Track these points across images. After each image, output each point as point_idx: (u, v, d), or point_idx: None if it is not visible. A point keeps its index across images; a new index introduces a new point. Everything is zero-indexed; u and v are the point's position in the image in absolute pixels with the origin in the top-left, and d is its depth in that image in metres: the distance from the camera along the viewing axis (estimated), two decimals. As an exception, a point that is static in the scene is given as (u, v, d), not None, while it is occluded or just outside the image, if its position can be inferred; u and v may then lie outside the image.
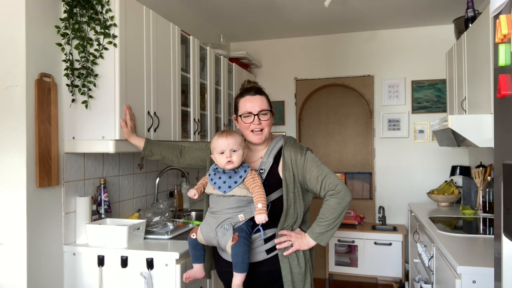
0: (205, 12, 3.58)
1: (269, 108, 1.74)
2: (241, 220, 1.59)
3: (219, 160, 1.62)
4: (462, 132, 2.25)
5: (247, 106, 1.70)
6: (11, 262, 1.85)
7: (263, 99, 1.73)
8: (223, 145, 1.60)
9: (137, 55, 2.13)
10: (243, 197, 1.59)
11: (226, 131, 1.64)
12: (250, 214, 1.60)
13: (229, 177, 1.60)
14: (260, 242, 1.66)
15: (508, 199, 1.11)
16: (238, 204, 1.59)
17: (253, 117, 1.68)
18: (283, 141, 1.75)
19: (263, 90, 1.77)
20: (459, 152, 3.95)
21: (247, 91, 1.73)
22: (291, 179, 1.67)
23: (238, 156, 1.61)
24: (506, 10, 1.12)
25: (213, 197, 1.64)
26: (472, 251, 1.96)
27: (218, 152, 1.62)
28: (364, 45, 4.22)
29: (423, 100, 4.06)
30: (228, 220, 1.59)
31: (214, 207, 1.63)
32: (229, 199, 1.59)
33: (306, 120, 4.56)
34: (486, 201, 2.93)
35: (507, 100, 1.15)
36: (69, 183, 2.09)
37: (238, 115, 1.74)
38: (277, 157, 1.72)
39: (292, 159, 1.68)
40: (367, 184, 4.33)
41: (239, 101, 1.75)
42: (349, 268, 3.95)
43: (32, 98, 1.87)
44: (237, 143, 1.61)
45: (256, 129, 1.69)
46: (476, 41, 2.43)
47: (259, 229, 1.65)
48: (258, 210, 1.55)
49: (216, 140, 1.63)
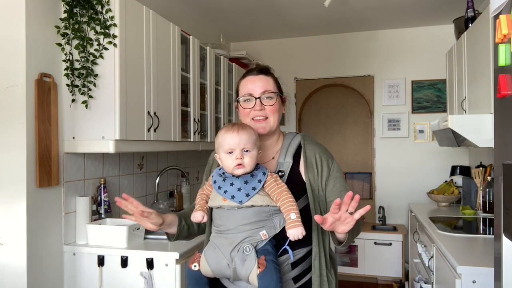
0: (205, 12, 3.58)
1: (277, 90, 1.39)
2: (264, 238, 1.21)
3: (226, 162, 1.24)
4: (462, 132, 2.25)
5: (247, 88, 1.36)
6: (11, 262, 1.85)
7: (268, 80, 1.37)
8: (233, 142, 1.22)
9: (137, 55, 2.13)
10: (265, 207, 1.22)
11: (237, 124, 1.27)
12: (274, 230, 1.22)
13: (244, 182, 1.21)
14: (287, 267, 1.27)
15: (508, 199, 1.11)
16: (258, 218, 1.21)
17: (254, 101, 1.34)
18: (300, 138, 1.42)
19: (270, 70, 1.42)
20: (459, 152, 3.95)
21: (249, 72, 1.41)
22: (316, 183, 1.33)
23: (252, 158, 1.23)
24: (506, 10, 1.12)
25: (222, 211, 1.24)
26: (472, 251, 1.96)
27: (226, 151, 1.24)
28: (364, 45, 4.22)
29: (423, 100, 4.06)
30: (247, 240, 1.20)
31: (225, 224, 1.23)
32: (246, 212, 1.20)
33: (306, 120, 4.56)
34: (486, 201, 2.93)
35: (507, 100, 1.15)
36: (69, 183, 2.09)
37: (237, 99, 1.41)
38: (295, 157, 1.38)
39: (317, 160, 1.36)
40: (367, 184, 4.33)
41: (240, 83, 1.42)
42: (349, 268, 3.95)
43: (32, 98, 1.87)
44: (252, 140, 1.24)
45: (257, 116, 1.34)
46: (476, 41, 2.43)
47: (286, 249, 1.26)
48: (291, 222, 1.16)
49: (224, 135, 1.25)
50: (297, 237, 1.14)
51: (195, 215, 1.25)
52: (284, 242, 1.26)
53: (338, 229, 1.13)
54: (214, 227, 1.28)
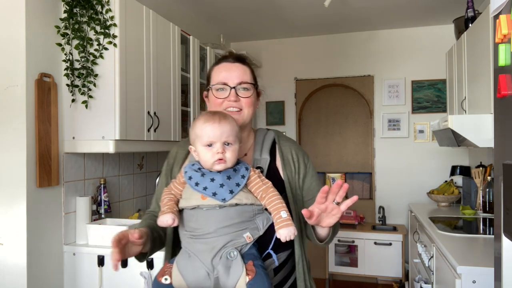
0: (205, 12, 3.58)
1: (253, 82, 1.27)
2: (249, 241, 1.07)
3: (205, 156, 1.09)
4: (462, 132, 2.25)
5: (221, 76, 1.23)
6: (11, 262, 1.85)
7: (246, 70, 1.26)
8: (213, 134, 1.07)
9: (137, 55, 2.13)
10: (249, 207, 1.08)
11: (218, 113, 1.13)
12: (257, 232, 1.09)
13: (227, 177, 1.07)
14: (270, 273, 1.13)
15: (508, 199, 1.11)
16: (242, 218, 1.07)
17: (229, 91, 1.21)
18: (274, 134, 1.33)
19: (246, 60, 1.30)
20: (459, 152, 3.95)
21: (224, 58, 1.28)
22: (293, 180, 1.26)
23: (234, 152, 1.10)
24: (506, 10, 1.12)
25: (198, 213, 1.07)
26: (472, 251, 1.96)
27: (204, 143, 1.09)
28: (364, 45, 4.22)
29: (423, 100, 4.06)
30: (230, 244, 1.04)
31: (203, 227, 1.06)
32: (228, 211, 1.06)
33: (306, 120, 4.56)
34: (486, 201, 2.93)
35: (507, 100, 1.15)
36: (69, 183, 2.09)
37: (208, 87, 1.27)
38: (271, 153, 1.28)
39: (294, 157, 1.28)
40: (367, 184, 4.33)
41: (213, 69, 1.28)
42: (349, 268, 3.95)
43: (32, 98, 1.87)
44: (234, 132, 1.11)
45: (231, 108, 1.21)
46: (476, 41, 2.42)
47: (269, 253, 1.14)
48: (282, 221, 1.04)
49: (203, 125, 1.09)
50: (289, 238, 1.03)
51: (163, 219, 1.06)
52: (266, 246, 1.12)
53: (324, 222, 1.07)
54: (186, 232, 1.09)
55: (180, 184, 1.14)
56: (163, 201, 1.12)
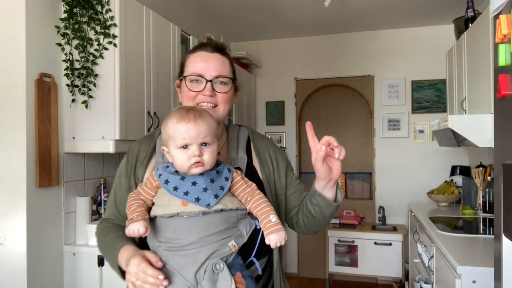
0: (205, 12, 3.58)
1: (232, 76, 1.15)
2: (234, 250, 0.96)
3: (179, 159, 0.96)
4: (462, 132, 2.25)
5: (197, 66, 1.10)
6: (11, 262, 1.85)
7: (225, 62, 1.14)
8: (189, 135, 0.95)
9: (137, 55, 2.13)
10: (233, 212, 0.98)
11: (192, 110, 0.99)
12: (241, 239, 0.98)
13: (210, 180, 0.96)
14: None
15: (508, 199, 1.11)
16: (226, 225, 0.96)
17: (205, 84, 1.09)
18: (248, 131, 1.24)
19: (226, 50, 1.17)
20: (459, 152, 3.95)
21: (202, 46, 1.15)
22: (272, 180, 1.17)
23: (212, 154, 0.98)
24: (506, 10, 1.12)
25: (177, 221, 0.95)
26: (472, 251, 1.96)
27: (179, 145, 0.96)
28: (364, 45, 4.22)
29: (423, 100, 4.06)
30: (215, 254, 0.93)
31: (182, 238, 0.94)
32: (212, 218, 0.95)
33: (306, 120, 4.52)
34: (486, 201, 2.93)
35: (507, 100, 1.15)
36: (69, 183, 2.09)
37: (182, 77, 1.14)
38: (247, 151, 1.19)
39: (271, 155, 1.19)
40: (367, 184, 4.33)
41: (188, 58, 1.14)
42: (349, 268, 3.94)
43: (32, 98, 1.87)
44: (212, 130, 0.98)
45: (205, 103, 1.09)
46: (476, 41, 2.42)
47: (252, 261, 1.03)
48: (272, 225, 0.96)
49: (176, 125, 0.96)
50: (279, 243, 0.95)
51: (133, 228, 0.92)
52: (248, 253, 1.02)
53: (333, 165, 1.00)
54: (160, 243, 0.96)
55: (151, 188, 1.00)
56: (130, 208, 0.98)
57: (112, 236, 1.07)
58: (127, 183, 1.12)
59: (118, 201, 1.14)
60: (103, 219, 1.17)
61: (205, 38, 1.18)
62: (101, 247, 1.10)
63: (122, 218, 1.11)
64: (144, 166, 1.12)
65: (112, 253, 1.02)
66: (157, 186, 0.99)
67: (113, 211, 1.15)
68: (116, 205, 1.15)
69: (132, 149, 1.17)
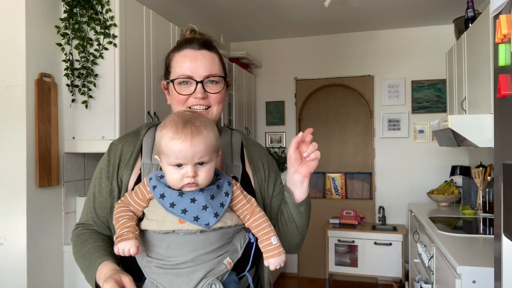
0: (205, 12, 3.58)
1: (223, 73, 1.07)
2: (229, 267, 0.91)
3: (171, 177, 0.88)
4: (462, 132, 2.25)
5: (185, 67, 1.01)
6: (11, 262, 1.85)
7: (214, 58, 1.05)
8: (183, 156, 0.86)
9: (137, 55, 2.13)
10: (231, 228, 0.92)
11: (189, 123, 0.88)
12: (236, 255, 0.94)
13: (210, 197, 0.89)
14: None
15: (508, 199, 1.11)
16: (222, 242, 0.91)
17: (195, 85, 1.00)
18: (240, 136, 1.16)
19: (214, 45, 1.08)
20: (459, 152, 3.95)
21: (188, 43, 1.04)
22: (264, 189, 1.10)
23: (209, 172, 0.90)
24: (506, 10, 1.12)
25: (172, 238, 0.88)
26: (472, 251, 1.96)
27: (172, 162, 0.87)
28: (364, 45, 4.22)
29: (423, 100, 4.06)
30: (211, 273, 0.88)
31: (177, 256, 0.88)
32: (209, 236, 0.89)
33: (306, 120, 4.56)
34: (486, 201, 2.93)
35: (507, 100, 1.15)
36: (69, 183, 2.09)
37: (169, 80, 1.05)
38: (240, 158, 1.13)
39: (264, 163, 1.13)
40: (367, 184, 4.33)
41: (174, 57, 1.05)
42: (349, 268, 3.94)
43: (32, 98, 1.87)
44: (211, 148, 0.89)
45: (198, 106, 1.02)
46: (476, 41, 2.42)
47: (246, 275, 0.99)
48: (273, 248, 0.92)
49: (170, 143, 0.86)
50: (278, 266, 0.92)
51: (122, 247, 0.84)
52: (242, 267, 0.97)
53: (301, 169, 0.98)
54: (151, 258, 0.89)
55: (143, 200, 0.92)
56: (119, 221, 0.89)
57: (90, 248, 0.98)
58: (109, 185, 1.02)
59: (98, 205, 1.04)
60: (79, 224, 1.07)
61: (188, 30, 1.08)
62: (77, 258, 1.01)
63: (102, 224, 1.05)
64: (129, 168, 1.02)
65: (89, 267, 0.94)
66: (150, 198, 0.91)
67: (92, 216, 1.05)
68: (95, 209, 1.05)
69: (114, 147, 1.06)
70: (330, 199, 4.35)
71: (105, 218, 1.04)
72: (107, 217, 1.03)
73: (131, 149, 1.04)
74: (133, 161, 1.02)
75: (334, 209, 4.28)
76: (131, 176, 1.02)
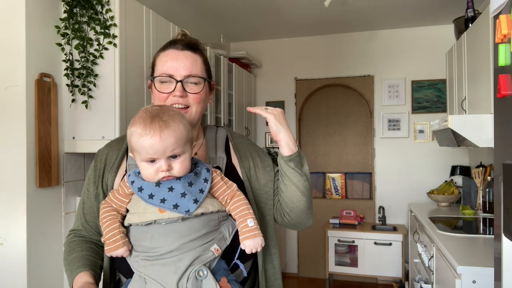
0: (205, 12, 3.58)
1: (205, 75, 1.09)
2: (217, 254, 0.92)
3: (146, 172, 0.90)
4: (462, 132, 2.25)
5: (166, 66, 1.04)
6: (11, 262, 1.85)
7: (196, 59, 1.07)
8: (154, 151, 0.87)
9: (137, 55, 2.13)
10: (214, 214, 0.93)
11: (157, 118, 0.88)
12: (224, 242, 0.94)
13: (188, 184, 0.90)
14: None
15: (508, 199, 1.11)
16: (207, 229, 0.91)
17: (175, 84, 1.03)
18: (226, 130, 1.20)
19: (199, 47, 1.10)
20: (459, 152, 3.95)
21: (172, 44, 1.08)
22: (253, 178, 1.12)
23: (184, 162, 0.90)
24: (506, 10, 1.12)
25: (154, 228, 0.90)
26: (472, 251, 1.96)
27: (144, 158, 0.89)
28: (364, 45, 4.22)
29: (423, 100, 4.06)
30: (197, 260, 0.88)
31: (161, 246, 0.89)
32: (192, 223, 0.90)
33: (306, 120, 4.56)
34: (486, 201, 2.93)
35: (507, 100, 1.15)
36: (69, 183, 2.09)
37: (152, 78, 1.09)
38: (225, 151, 1.15)
39: (252, 152, 1.15)
40: (367, 184, 4.33)
41: (158, 57, 1.09)
42: (349, 268, 3.95)
43: (32, 98, 1.87)
44: (182, 140, 0.89)
45: (177, 104, 1.04)
46: (476, 41, 2.43)
47: (236, 264, 0.99)
48: (248, 230, 0.92)
49: (139, 139, 0.87)
50: (255, 250, 0.92)
51: (116, 254, 0.90)
52: (231, 255, 0.97)
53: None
54: (137, 252, 0.91)
55: (124, 195, 0.94)
56: (105, 223, 0.92)
57: (74, 257, 1.03)
58: (95, 190, 1.07)
59: (87, 210, 1.09)
60: (71, 231, 1.13)
61: (179, 34, 1.12)
62: (64, 264, 1.07)
63: (91, 229, 1.09)
64: (114, 171, 1.06)
65: (70, 276, 1.01)
66: (131, 193, 0.93)
67: (82, 222, 1.10)
68: (84, 215, 1.10)
69: (100, 153, 1.11)
70: (330, 199, 4.35)
71: (94, 223, 1.09)
72: (95, 221, 1.07)
73: (116, 153, 1.09)
74: (117, 164, 1.07)
75: (334, 209, 4.29)
76: (116, 178, 1.06)
